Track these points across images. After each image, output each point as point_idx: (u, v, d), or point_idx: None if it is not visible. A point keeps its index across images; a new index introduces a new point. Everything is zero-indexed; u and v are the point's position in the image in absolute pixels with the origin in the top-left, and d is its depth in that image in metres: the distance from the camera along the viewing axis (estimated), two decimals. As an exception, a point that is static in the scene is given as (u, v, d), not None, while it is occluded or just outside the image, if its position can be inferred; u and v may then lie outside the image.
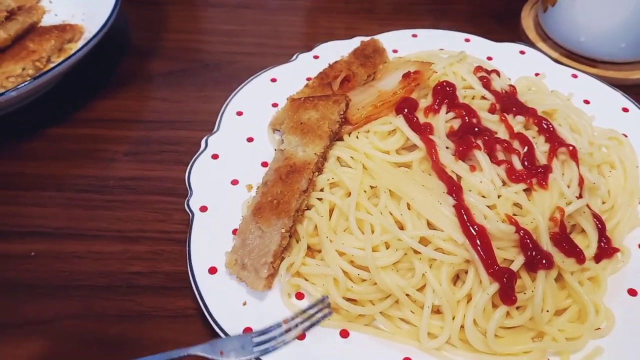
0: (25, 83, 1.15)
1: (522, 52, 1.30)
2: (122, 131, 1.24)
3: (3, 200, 1.11)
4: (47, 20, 1.41)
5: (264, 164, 1.09)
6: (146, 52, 1.45)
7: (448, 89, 1.06)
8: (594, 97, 1.20)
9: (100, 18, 1.31)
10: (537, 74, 1.25)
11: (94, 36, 1.26)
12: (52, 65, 1.25)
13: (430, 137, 0.99)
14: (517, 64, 1.27)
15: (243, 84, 1.22)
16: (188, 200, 1.01)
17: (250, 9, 1.59)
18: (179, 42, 1.48)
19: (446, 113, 1.03)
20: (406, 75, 1.08)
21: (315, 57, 1.29)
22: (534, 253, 0.87)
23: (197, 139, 1.12)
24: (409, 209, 0.91)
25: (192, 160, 1.07)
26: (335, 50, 1.29)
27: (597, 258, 0.94)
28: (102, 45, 1.30)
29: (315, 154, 0.99)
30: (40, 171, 1.16)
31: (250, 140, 1.13)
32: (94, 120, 1.26)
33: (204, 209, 1.00)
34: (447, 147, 0.98)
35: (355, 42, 1.31)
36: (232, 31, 1.52)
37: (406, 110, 1.03)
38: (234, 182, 1.05)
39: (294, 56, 1.29)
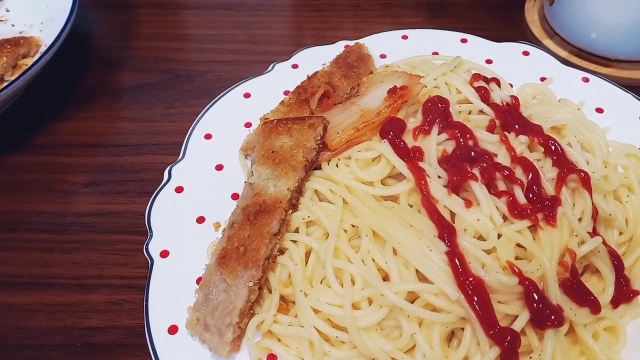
0: (-25, 108, 1.04)
1: (525, 53, 1.15)
2: (82, 158, 1.13)
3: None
4: (2, 32, 1.29)
5: (235, 196, 0.97)
6: (112, 63, 1.32)
7: (440, 105, 0.93)
8: (608, 104, 1.06)
9: (60, 27, 1.18)
10: (543, 79, 1.11)
11: (48, 49, 1.14)
12: (4, 84, 1.13)
13: (420, 164, 0.86)
14: (520, 66, 1.13)
15: (212, 102, 1.09)
16: (147, 244, 0.90)
17: (228, 10, 1.45)
18: (148, 50, 1.35)
19: (438, 134, 0.90)
20: (392, 91, 0.95)
21: (294, 66, 1.16)
22: (540, 306, 0.75)
23: (164, 165, 1.01)
24: (394, 254, 0.79)
25: (153, 196, 0.95)
26: (316, 58, 1.15)
27: (615, 302, 0.82)
28: (64, 56, 1.19)
29: (288, 189, 0.86)
30: (-7, 207, 1.05)
31: (219, 168, 1.01)
32: (53, 146, 1.15)
33: (165, 254, 0.89)
34: (439, 177, 0.86)
35: (339, 47, 1.17)
36: (206, 36, 1.39)
37: (392, 133, 0.90)
38: (200, 220, 0.93)
39: (270, 66, 1.16)
